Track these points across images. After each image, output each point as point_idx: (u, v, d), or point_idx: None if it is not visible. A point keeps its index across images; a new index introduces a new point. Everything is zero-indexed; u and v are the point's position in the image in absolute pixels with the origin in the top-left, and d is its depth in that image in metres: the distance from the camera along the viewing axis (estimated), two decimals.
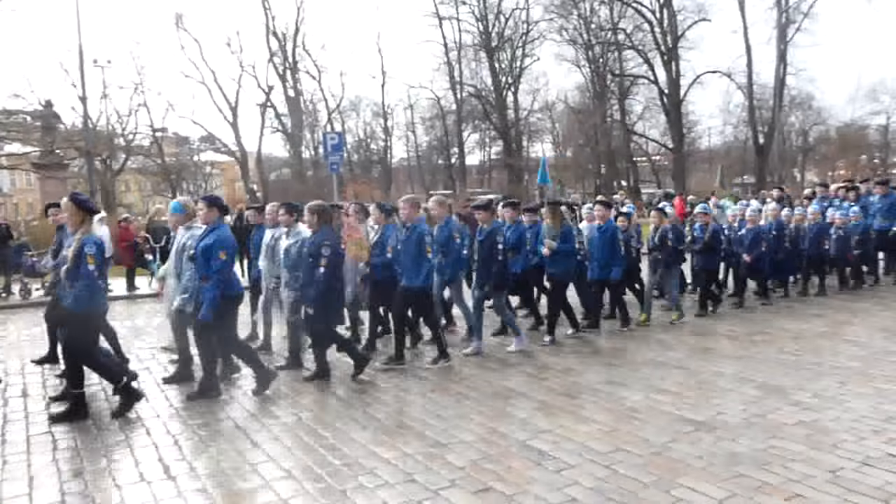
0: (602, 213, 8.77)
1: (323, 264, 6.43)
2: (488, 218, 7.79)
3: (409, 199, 7.49)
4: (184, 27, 38.48)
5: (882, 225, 11.95)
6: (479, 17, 44.82)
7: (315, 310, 6.51)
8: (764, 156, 39.49)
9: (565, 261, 8.07)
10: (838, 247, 11.01)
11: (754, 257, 10.01)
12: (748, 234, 10.22)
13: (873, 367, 6.45)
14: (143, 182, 45.74)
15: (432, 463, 4.52)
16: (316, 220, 6.65)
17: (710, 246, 9.59)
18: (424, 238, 7.01)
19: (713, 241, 9.61)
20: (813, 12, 37.65)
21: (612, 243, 8.54)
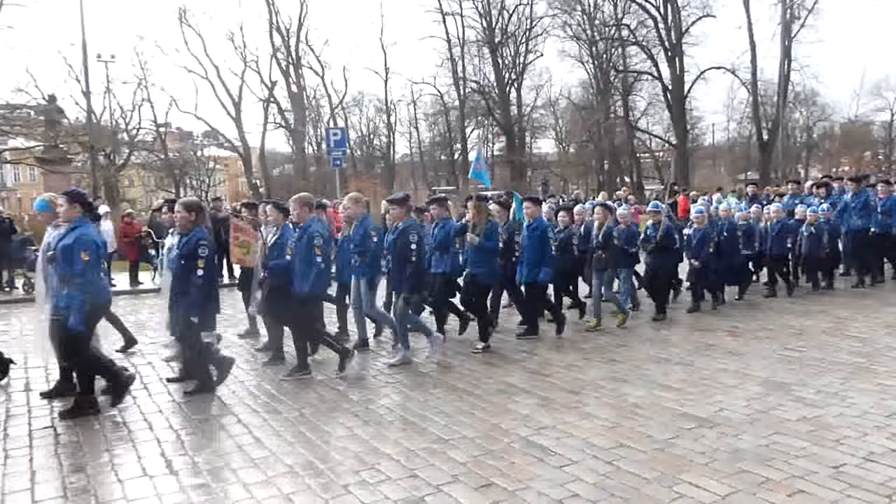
0: (531, 209, 8.21)
1: (201, 266, 5.89)
2: (401, 215, 7.12)
3: (299, 197, 6.91)
4: (187, 22, 38.44)
5: (856, 224, 11.34)
6: (483, 13, 44.73)
7: (199, 318, 5.95)
8: (768, 152, 39.41)
9: (489, 261, 7.59)
10: (810, 245, 10.54)
11: (702, 260, 9.45)
12: (694, 235, 9.61)
13: (876, 364, 6.43)
14: (147, 177, 45.78)
15: (434, 459, 4.52)
16: (193, 217, 6.07)
17: (663, 245, 9.14)
18: (314, 240, 6.51)
19: (666, 240, 9.15)
20: (817, 8, 37.60)
21: (542, 243, 7.97)
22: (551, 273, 8.01)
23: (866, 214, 11.23)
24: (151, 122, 40.71)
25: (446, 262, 7.89)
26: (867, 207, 11.27)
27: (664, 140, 45.53)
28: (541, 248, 7.96)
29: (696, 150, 45.47)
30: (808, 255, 10.60)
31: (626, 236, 8.85)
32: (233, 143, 42.74)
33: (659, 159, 48.29)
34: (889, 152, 48.22)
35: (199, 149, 48.79)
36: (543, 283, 8.06)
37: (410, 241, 6.90)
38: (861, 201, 11.36)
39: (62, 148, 22.08)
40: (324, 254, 6.61)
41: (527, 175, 45.64)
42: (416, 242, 6.93)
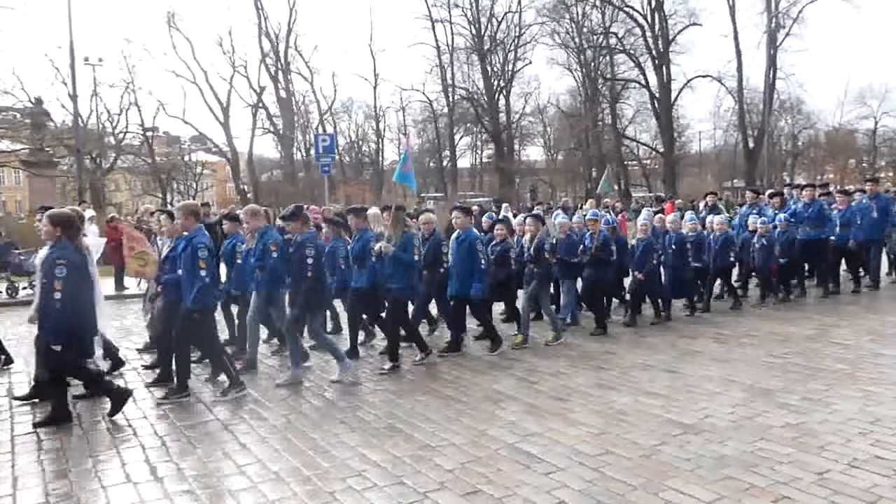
0: (461, 220, 7.75)
1: (58, 288, 5.29)
2: (297, 229, 6.70)
3: (184, 205, 6.47)
4: (176, 26, 38.33)
5: (808, 234, 10.86)
6: (472, 21, 44.95)
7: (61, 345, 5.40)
8: (754, 160, 39.76)
9: (406, 275, 7.12)
10: (762, 256, 10.24)
11: (645, 272, 9.03)
12: (638, 246, 9.20)
13: (860, 370, 6.49)
14: (133, 181, 45.51)
15: (421, 465, 4.51)
16: (59, 231, 5.54)
17: (598, 257, 8.73)
18: (198, 252, 6.00)
19: (602, 251, 8.73)
20: (802, 17, 38.08)
21: (471, 256, 7.45)
22: (483, 288, 7.52)
23: (819, 224, 10.85)
24: (139, 125, 40.55)
25: (364, 276, 7.48)
26: (820, 217, 10.90)
27: (651, 148, 45.86)
28: (470, 260, 7.46)
29: (682, 158, 45.81)
30: (760, 267, 10.33)
31: (567, 246, 8.59)
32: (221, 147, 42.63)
33: (646, 167, 48.62)
34: (873, 160, 48.83)
35: (186, 153, 48.56)
36: (476, 298, 7.51)
37: (307, 255, 6.45)
38: (815, 210, 10.95)
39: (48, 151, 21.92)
40: (209, 267, 6.07)
41: (515, 182, 45.78)
42: (312, 257, 6.48)
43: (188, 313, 6.08)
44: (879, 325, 8.62)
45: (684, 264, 9.56)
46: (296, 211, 6.92)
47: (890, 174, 46.91)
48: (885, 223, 11.20)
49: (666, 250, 9.54)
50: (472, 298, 7.52)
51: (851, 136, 48.19)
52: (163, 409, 5.97)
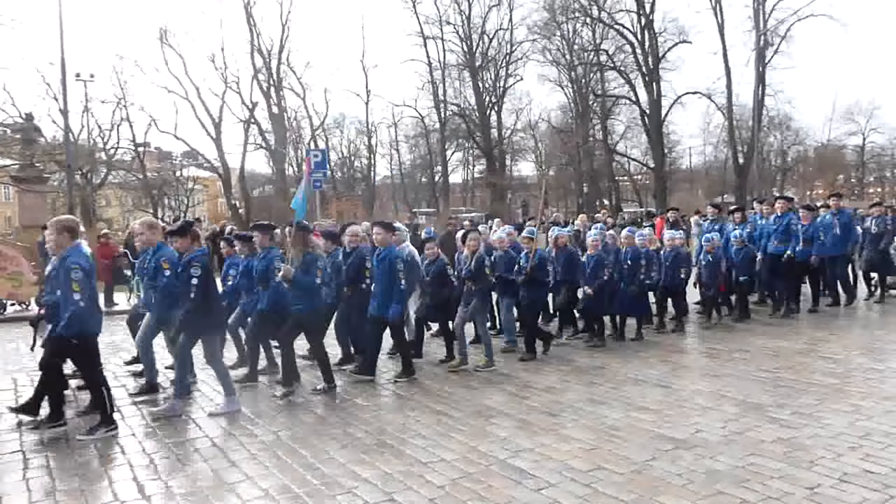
0: (382, 236, 7.34)
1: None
2: (184, 245, 6.21)
3: (56, 221, 5.86)
4: (168, 42, 38.31)
5: (777, 248, 10.60)
6: (464, 38, 45.23)
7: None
8: (744, 175, 40.01)
9: (309, 297, 6.72)
10: (707, 274, 9.96)
11: (595, 288, 8.66)
12: (588, 262, 8.84)
13: (850, 384, 6.51)
14: (124, 197, 45.37)
15: (412, 482, 4.48)
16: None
17: (533, 277, 8.21)
18: (70, 273, 5.47)
19: (538, 271, 8.27)
20: (790, 35, 38.46)
21: (391, 275, 7.09)
22: (401, 309, 7.21)
23: (786, 239, 10.57)
24: (130, 141, 40.41)
25: (266, 297, 7.15)
26: (788, 232, 10.61)
27: (642, 163, 46.14)
28: (389, 280, 7.12)
29: (673, 174, 46.10)
30: (707, 285, 10.01)
31: (506, 262, 8.33)
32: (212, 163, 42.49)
33: (637, 182, 48.89)
34: (861, 175, 49.31)
35: (178, 169, 48.50)
36: (394, 320, 7.17)
37: (192, 274, 5.99)
38: (784, 224, 10.69)
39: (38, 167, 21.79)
40: (83, 290, 5.50)
41: (507, 197, 45.91)
42: (198, 277, 6.00)
43: (61, 340, 5.51)
44: (868, 339, 8.66)
45: (637, 281, 9.19)
46: (184, 226, 6.37)
47: (878, 190, 47.38)
48: (847, 239, 11.01)
49: (620, 266, 9.23)
50: (389, 320, 7.18)
51: (840, 152, 48.71)
52: (151, 426, 5.92)
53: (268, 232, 7.45)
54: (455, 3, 44.40)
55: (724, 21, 38.75)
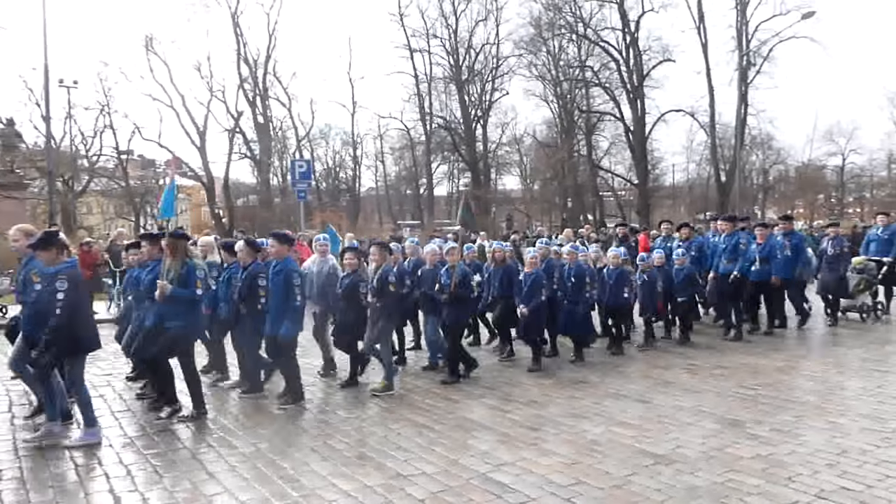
0: (276, 249, 6.86)
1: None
2: (50, 258, 5.58)
3: None
4: (153, 50, 38.10)
5: (726, 268, 10.33)
6: (450, 51, 45.44)
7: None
8: (726, 193, 40.41)
9: (187, 312, 6.24)
10: (644, 294, 9.59)
11: (531, 308, 8.16)
12: (526, 280, 8.33)
13: (828, 402, 6.58)
14: (106, 204, 44.94)
15: (392, 495, 4.46)
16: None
17: (456, 294, 7.67)
18: None
19: (462, 288, 7.71)
20: (772, 56, 39.04)
21: (286, 290, 6.62)
22: (295, 328, 6.69)
23: (736, 258, 10.30)
24: (113, 148, 40.09)
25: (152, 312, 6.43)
26: (736, 251, 10.34)
27: (626, 179, 46.48)
28: (284, 296, 6.60)
29: (656, 190, 46.45)
30: (644, 305, 9.64)
31: (433, 278, 7.96)
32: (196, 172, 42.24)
33: (621, 198, 49.22)
34: (841, 196, 50.00)
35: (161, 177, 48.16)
36: (285, 339, 6.64)
37: (58, 289, 5.48)
38: (732, 244, 10.40)
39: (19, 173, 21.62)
40: None
41: (491, 211, 46.01)
42: (64, 292, 5.46)
43: None
44: (846, 357, 8.76)
45: (582, 300, 8.71)
46: (46, 237, 5.71)
47: (857, 210, 48.06)
48: (797, 262, 10.73)
49: (563, 283, 8.78)
50: (280, 339, 6.66)
51: (820, 171, 49.34)
52: (129, 437, 5.86)
53: (157, 242, 6.72)
54: (442, 17, 44.69)
55: (708, 41, 39.30)
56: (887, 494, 4.33)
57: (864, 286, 11.37)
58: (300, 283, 6.75)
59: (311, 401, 6.92)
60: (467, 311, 8.23)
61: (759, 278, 10.41)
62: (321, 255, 8.28)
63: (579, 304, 8.71)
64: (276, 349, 6.83)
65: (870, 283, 11.43)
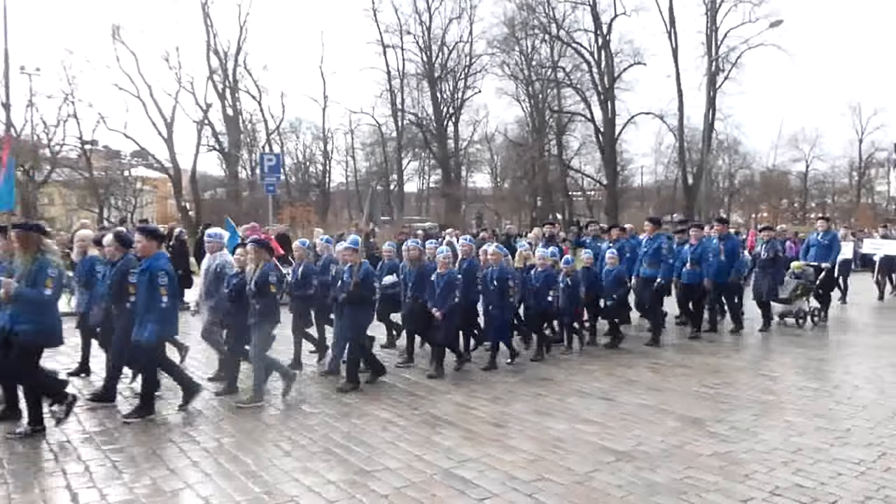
0: (143, 245, 6.25)
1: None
2: None
3: None
4: (120, 39, 37.33)
5: (647, 272, 10.04)
6: (423, 48, 45.36)
7: None
8: (692, 196, 41.02)
9: (37, 314, 5.59)
10: (565, 297, 9.02)
11: (444, 312, 7.76)
12: (438, 280, 7.90)
13: (785, 401, 6.73)
14: (69, 196, 43.99)
15: (355, 491, 4.46)
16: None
17: (356, 296, 7.15)
18: None
19: (364, 288, 7.20)
20: (740, 63, 39.71)
21: (150, 290, 6.00)
22: (161, 332, 6.10)
23: (657, 262, 9.97)
24: (77, 138, 39.22)
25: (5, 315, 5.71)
26: (658, 254, 9.97)
27: (595, 180, 46.88)
28: (149, 296, 6.02)
29: (625, 191, 46.96)
30: (564, 309, 9.11)
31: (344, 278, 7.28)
32: (163, 164, 41.56)
33: (591, 198, 49.67)
34: (804, 201, 51.12)
35: (126, 168, 47.28)
36: (147, 344, 5.99)
37: None
38: (654, 247, 10.04)
39: None
40: None
41: (461, 208, 46.08)
42: None
43: None
44: (805, 359, 8.96)
45: (505, 304, 8.26)
46: None
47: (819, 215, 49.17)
48: (731, 266, 10.46)
49: (487, 286, 8.32)
50: (143, 344, 6.01)
51: (784, 177, 50.41)
52: (88, 432, 5.76)
53: None
54: (416, 14, 44.59)
55: (678, 46, 39.83)
56: (839, 491, 4.45)
57: (802, 291, 11.33)
58: (167, 283, 6.05)
59: (275, 396, 6.86)
60: (368, 314, 7.51)
61: (690, 281, 10.30)
62: (210, 252, 7.62)
63: (502, 308, 8.27)
64: (139, 354, 6.17)
65: (807, 288, 11.38)
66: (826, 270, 11.76)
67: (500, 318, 8.34)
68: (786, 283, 11.39)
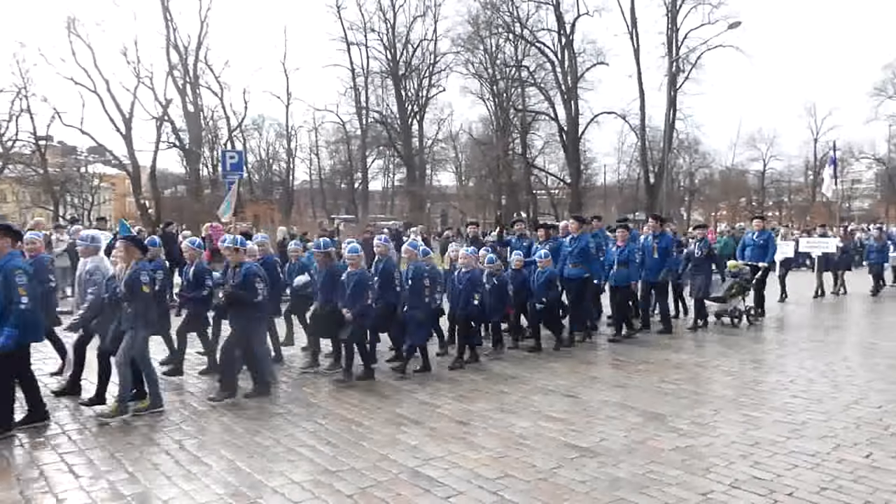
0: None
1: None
2: None
3: None
4: (76, 32, 36.38)
5: (572, 272, 9.59)
6: (387, 46, 45.22)
7: None
8: (654, 194, 41.63)
9: None
10: (492, 297, 8.68)
11: (356, 313, 7.33)
12: (349, 280, 7.43)
13: (743, 396, 6.88)
14: (22, 192, 42.78)
15: (320, 491, 4.43)
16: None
17: (235, 297, 6.69)
18: None
19: (244, 288, 6.65)
20: (700, 63, 40.41)
21: (6, 291, 5.54)
22: (20, 337, 5.56)
23: (584, 262, 9.58)
24: (30, 134, 38.16)
25: None
26: (584, 254, 9.59)
27: (559, 178, 47.30)
28: (4, 298, 5.54)
29: (589, 190, 47.47)
30: (492, 310, 8.75)
31: None
32: (121, 160, 40.64)
33: (554, 196, 50.09)
34: (762, 199, 52.33)
35: (83, 165, 46.15)
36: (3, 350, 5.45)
37: None
38: (579, 247, 9.60)
39: None
40: None
41: (426, 207, 46.09)
42: None
43: None
44: (762, 354, 9.18)
45: (420, 304, 7.83)
46: None
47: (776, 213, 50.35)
48: (664, 265, 10.29)
49: (402, 286, 8.02)
50: None
51: (743, 176, 51.59)
52: (43, 436, 5.62)
53: None
54: (380, 11, 44.43)
55: (640, 46, 40.32)
56: (794, 483, 4.56)
57: (737, 290, 11.26)
58: (25, 283, 5.59)
59: (238, 397, 6.77)
60: (252, 319, 6.81)
61: (617, 282, 10.03)
62: (83, 257, 7.04)
63: (418, 309, 7.83)
64: None
65: (743, 287, 11.32)
66: (763, 270, 11.73)
67: (417, 319, 7.82)
68: (721, 282, 11.40)
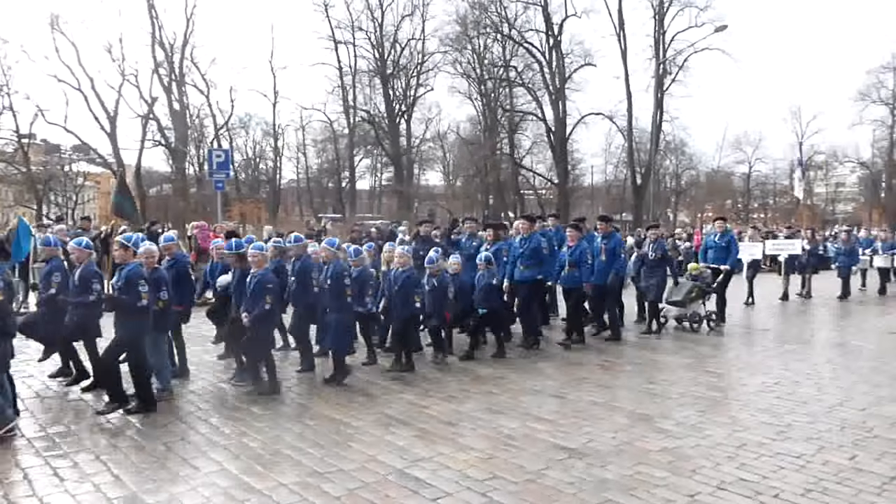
0: None
1: None
2: None
3: None
4: (60, 29, 36.03)
5: (523, 274, 9.31)
6: (375, 45, 45.11)
7: None
8: (641, 195, 41.84)
9: None
10: (432, 301, 8.29)
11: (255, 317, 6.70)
12: (250, 281, 6.86)
13: (730, 398, 6.92)
14: (5, 191, 42.30)
15: (307, 493, 4.41)
16: None
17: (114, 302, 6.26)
18: None
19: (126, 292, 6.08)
20: (687, 66, 40.60)
21: None
22: None
23: (536, 263, 9.29)
24: (13, 132, 37.72)
25: None
26: (536, 255, 9.28)
27: (547, 178, 47.44)
28: None
29: (576, 190, 47.65)
30: (431, 314, 8.35)
31: None
32: (105, 159, 40.31)
33: (542, 197, 50.23)
34: (747, 201, 52.79)
35: (66, 163, 45.70)
36: None
37: None
38: (530, 248, 9.30)
39: None
40: None
41: (413, 206, 46.05)
42: None
43: None
44: (748, 355, 9.24)
45: (343, 306, 7.38)
46: None
47: (761, 215, 50.82)
48: (611, 267, 9.77)
49: (321, 286, 7.63)
50: None
51: (729, 178, 52.01)
52: (26, 438, 5.55)
53: None
54: (368, 10, 44.29)
55: (627, 48, 40.50)
56: (780, 484, 4.60)
57: (697, 294, 10.85)
58: None
59: (225, 399, 6.74)
60: (140, 326, 6.20)
61: (567, 284, 9.74)
62: None
63: (339, 311, 7.36)
64: None
65: (703, 291, 10.92)
66: (726, 273, 11.26)
67: (338, 323, 7.32)
68: (680, 286, 11.10)
